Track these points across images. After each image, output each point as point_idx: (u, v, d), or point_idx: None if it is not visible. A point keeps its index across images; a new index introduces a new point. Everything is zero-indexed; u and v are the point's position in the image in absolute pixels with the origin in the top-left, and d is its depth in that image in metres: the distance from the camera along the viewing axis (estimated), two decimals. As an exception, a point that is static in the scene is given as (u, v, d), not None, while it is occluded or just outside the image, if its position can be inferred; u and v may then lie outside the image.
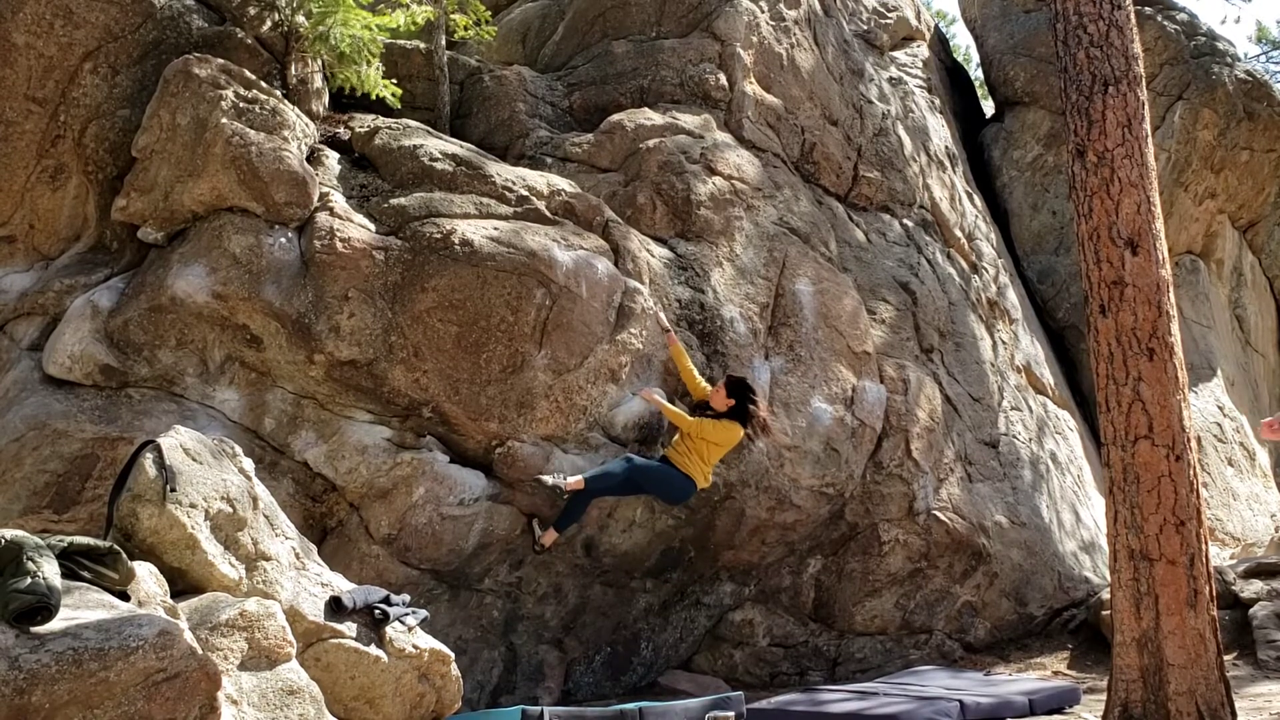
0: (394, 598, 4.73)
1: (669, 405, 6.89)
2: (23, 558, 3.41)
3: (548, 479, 6.47)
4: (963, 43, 21.39)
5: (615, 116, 8.43)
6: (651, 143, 8.16)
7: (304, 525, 5.98)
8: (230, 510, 4.38)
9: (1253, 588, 8.34)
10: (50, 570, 3.40)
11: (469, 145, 7.68)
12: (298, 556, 4.66)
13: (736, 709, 5.33)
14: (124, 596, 3.65)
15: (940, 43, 13.96)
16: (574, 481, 6.49)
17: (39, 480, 5.89)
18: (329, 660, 4.35)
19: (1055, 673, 8.00)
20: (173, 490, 4.19)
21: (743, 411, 6.80)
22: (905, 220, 9.85)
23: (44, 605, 3.23)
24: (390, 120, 7.66)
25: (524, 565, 7.05)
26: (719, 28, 9.10)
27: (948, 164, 11.15)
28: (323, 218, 6.58)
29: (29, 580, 3.30)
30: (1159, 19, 12.95)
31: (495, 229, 6.80)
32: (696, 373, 7.03)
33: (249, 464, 4.72)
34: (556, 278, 6.73)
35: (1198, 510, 5.54)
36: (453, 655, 4.80)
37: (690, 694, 6.87)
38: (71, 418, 6.04)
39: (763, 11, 9.48)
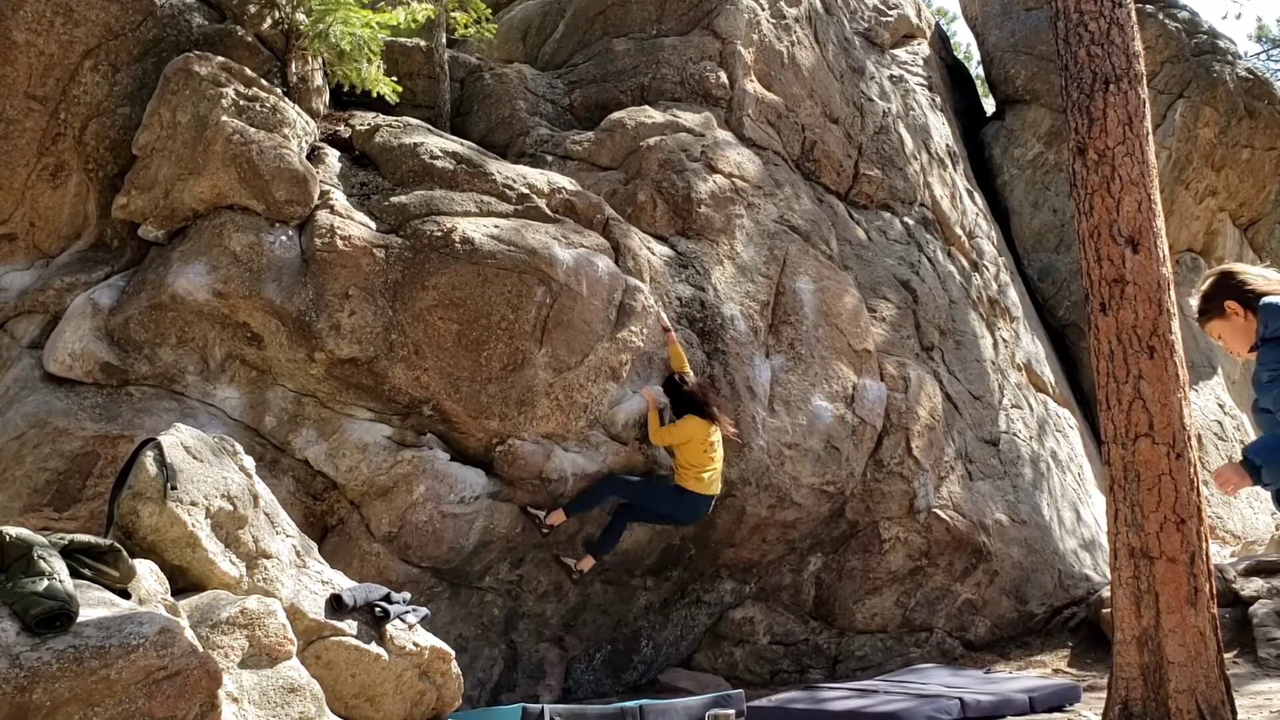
0: (394, 595, 4.73)
1: (654, 413, 6.95)
2: (33, 555, 3.40)
3: (534, 512, 6.75)
4: (963, 40, 21.38)
5: (616, 114, 8.43)
6: (652, 141, 8.16)
7: (304, 523, 5.98)
8: (231, 508, 4.38)
9: (1253, 586, 8.33)
10: (64, 572, 3.40)
11: (469, 143, 7.68)
12: (298, 554, 4.66)
13: (737, 707, 5.33)
14: (125, 594, 3.65)
15: (941, 40, 13.95)
16: (554, 515, 6.75)
17: (40, 478, 5.90)
18: (329, 658, 4.35)
19: (1055, 670, 8.00)
20: (173, 488, 4.19)
21: (690, 404, 6.85)
22: (906, 218, 9.85)
23: (65, 611, 3.23)
24: (391, 118, 7.66)
25: (524, 563, 7.05)
26: (720, 25, 9.10)
27: (948, 162, 11.14)
28: (323, 216, 6.58)
29: (46, 583, 3.29)
30: (1160, 17, 12.94)
31: (496, 227, 6.80)
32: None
33: (249, 462, 4.72)
34: (557, 276, 6.73)
35: (1198, 508, 5.54)
36: (453, 653, 4.81)
37: (691, 692, 6.87)
38: (72, 415, 6.04)
39: (763, 9, 9.48)
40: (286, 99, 7.01)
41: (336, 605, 4.46)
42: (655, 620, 7.77)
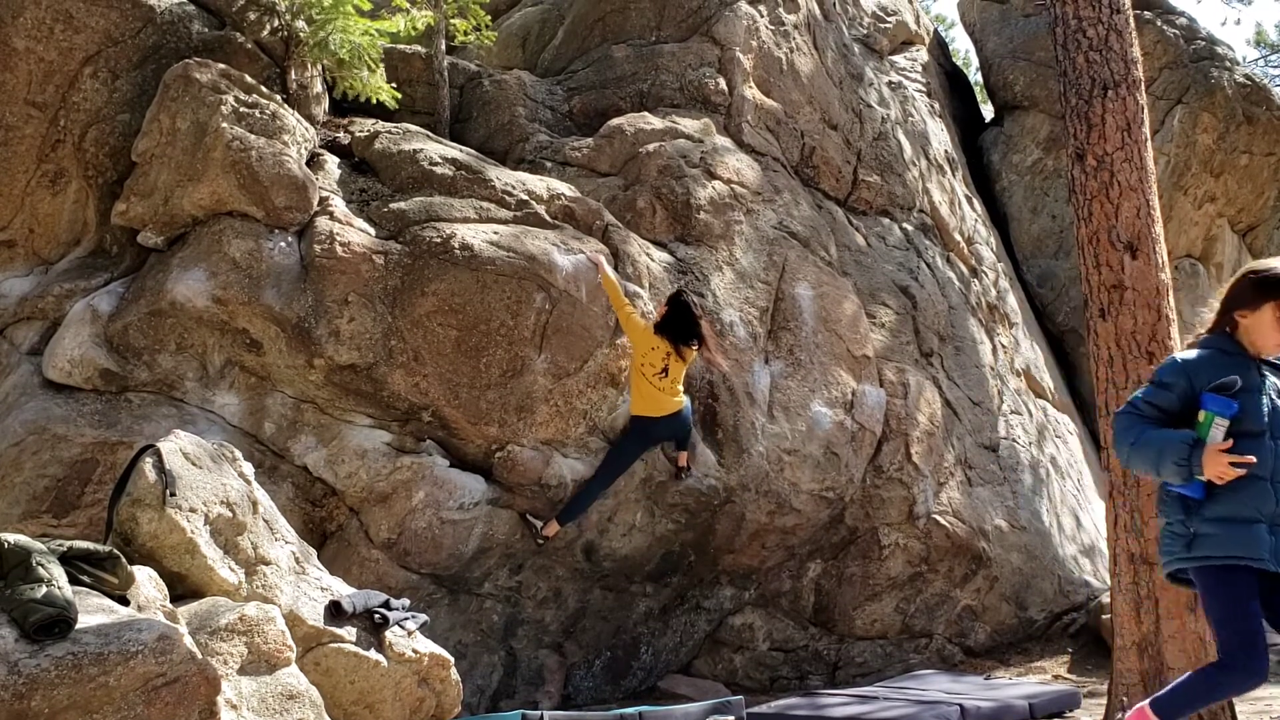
0: (394, 602, 4.73)
1: (605, 273, 6.82)
2: (31, 562, 3.40)
3: (532, 520, 6.78)
4: (962, 47, 21.44)
5: (615, 121, 8.44)
6: (651, 147, 8.17)
7: (304, 529, 5.97)
8: (230, 515, 4.38)
9: (1253, 592, 8.32)
10: (62, 578, 3.40)
11: (469, 150, 7.69)
12: (297, 561, 4.65)
13: (737, 713, 5.33)
14: (123, 601, 3.64)
15: (940, 47, 13.98)
16: (549, 527, 6.76)
17: (39, 485, 5.89)
18: (329, 665, 4.35)
19: (1055, 676, 8.00)
20: (172, 495, 4.19)
21: (663, 319, 6.77)
22: (905, 224, 9.86)
23: (64, 618, 3.22)
24: (390, 125, 7.66)
25: (524, 569, 7.05)
26: (718, 32, 9.11)
27: (947, 168, 11.15)
28: (323, 222, 6.59)
29: (45, 590, 3.28)
30: (1158, 23, 12.97)
31: (495, 233, 6.81)
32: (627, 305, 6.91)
33: (249, 468, 4.72)
34: (556, 282, 6.73)
35: (1198, 514, 5.53)
36: (452, 659, 4.80)
37: (690, 698, 6.86)
38: (71, 422, 6.04)
39: (762, 16, 9.49)
40: (286, 105, 7.02)
41: (335, 612, 4.46)
42: (655, 627, 7.76)
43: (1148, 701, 3.58)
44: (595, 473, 6.89)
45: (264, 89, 6.97)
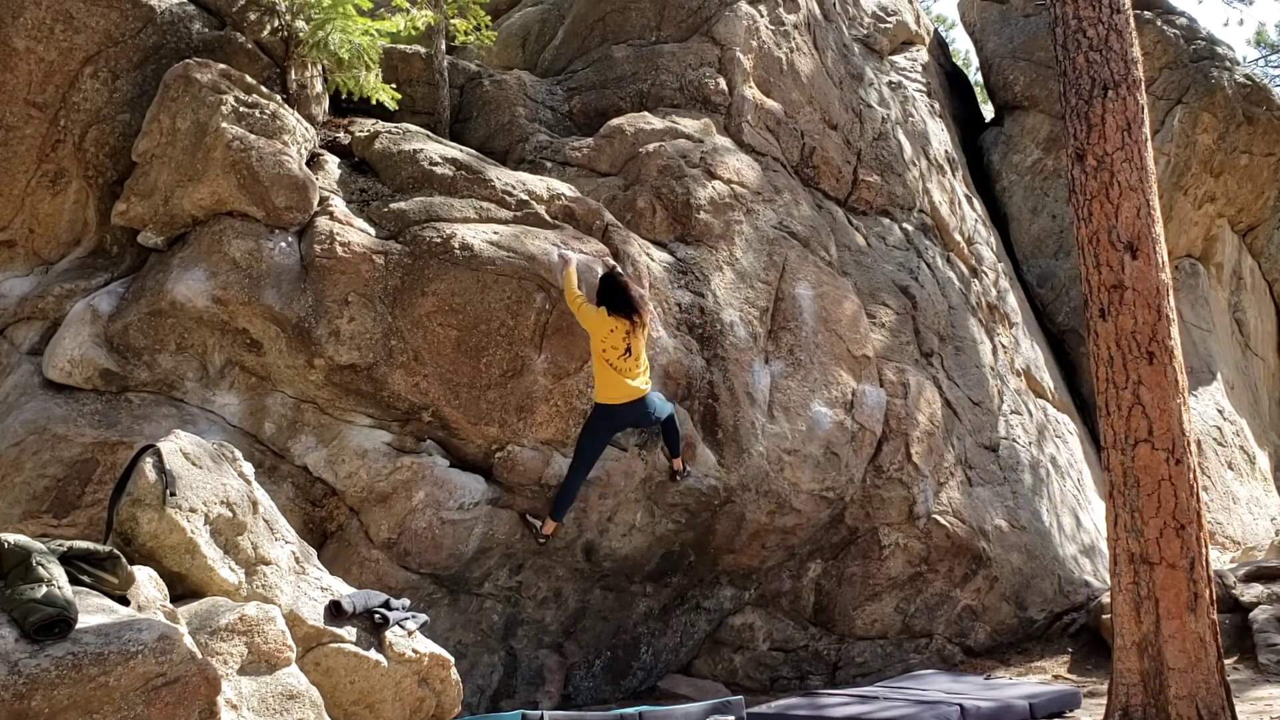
0: (394, 602, 4.73)
1: (571, 273, 6.67)
2: (32, 562, 3.40)
3: (532, 520, 6.80)
4: (962, 47, 21.44)
5: (615, 121, 8.44)
6: (651, 147, 8.17)
7: (304, 529, 5.97)
8: (230, 515, 4.38)
9: (1253, 591, 8.33)
10: (62, 578, 3.40)
11: (469, 150, 7.69)
12: (297, 561, 4.65)
13: (737, 713, 5.33)
14: (123, 601, 3.64)
15: (940, 47, 13.97)
16: (547, 525, 6.77)
17: (39, 485, 5.89)
18: (329, 665, 4.35)
19: (1055, 676, 8.00)
20: (172, 495, 4.19)
21: (601, 295, 6.63)
22: (905, 224, 9.86)
23: (64, 618, 3.23)
24: (390, 125, 7.66)
25: (524, 569, 7.05)
26: (718, 32, 9.11)
27: (947, 168, 11.15)
28: (323, 222, 6.59)
29: (45, 589, 3.29)
30: (1158, 23, 12.97)
31: (495, 233, 6.81)
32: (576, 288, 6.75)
33: (249, 468, 4.72)
34: (556, 282, 6.73)
35: (1198, 514, 5.54)
36: (452, 659, 4.80)
37: (690, 698, 6.86)
38: (71, 422, 6.04)
39: (762, 16, 9.49)
40: (286, 105, 7.01)
41: (336, 612, 4.46)
42: (655, 627, 7.76)
43: None
44: (570, 467, 6.77)
45: (264, 89, 6.97)
